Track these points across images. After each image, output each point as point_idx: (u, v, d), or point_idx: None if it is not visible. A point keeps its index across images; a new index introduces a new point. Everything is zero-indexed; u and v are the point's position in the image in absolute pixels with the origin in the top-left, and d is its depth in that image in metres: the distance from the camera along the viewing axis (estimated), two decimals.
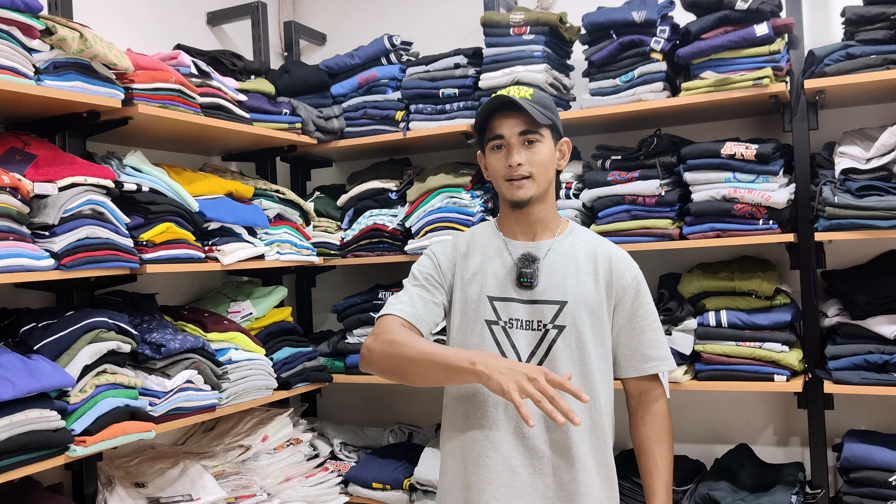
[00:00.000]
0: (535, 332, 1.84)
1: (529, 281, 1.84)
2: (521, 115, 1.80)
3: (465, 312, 1.89)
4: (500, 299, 1.87)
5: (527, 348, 1.84)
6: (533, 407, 1.78)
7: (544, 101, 1.85)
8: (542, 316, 1.84)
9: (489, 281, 1.88)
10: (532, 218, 1.89)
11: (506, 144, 1.83)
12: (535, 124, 1.81)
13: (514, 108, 1.80)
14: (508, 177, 1.83)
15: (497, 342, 1.85)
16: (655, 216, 2.70)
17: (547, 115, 1.82)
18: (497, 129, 1.83)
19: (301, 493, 2.86)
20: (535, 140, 1.82)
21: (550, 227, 1.92)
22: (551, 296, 1.84)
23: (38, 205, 2.08)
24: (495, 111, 1.84)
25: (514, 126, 1.81)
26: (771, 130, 2.87)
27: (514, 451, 1.82)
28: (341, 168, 3.68)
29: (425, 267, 1.94)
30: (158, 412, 2.31)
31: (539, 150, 1.83)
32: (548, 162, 1.85)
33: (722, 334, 2.63)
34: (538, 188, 1.84)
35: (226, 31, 3.45)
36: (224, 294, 3.02)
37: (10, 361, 1.95)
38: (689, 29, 2.66)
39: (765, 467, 2.78)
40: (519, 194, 1.83)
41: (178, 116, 2.47)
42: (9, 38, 2.00)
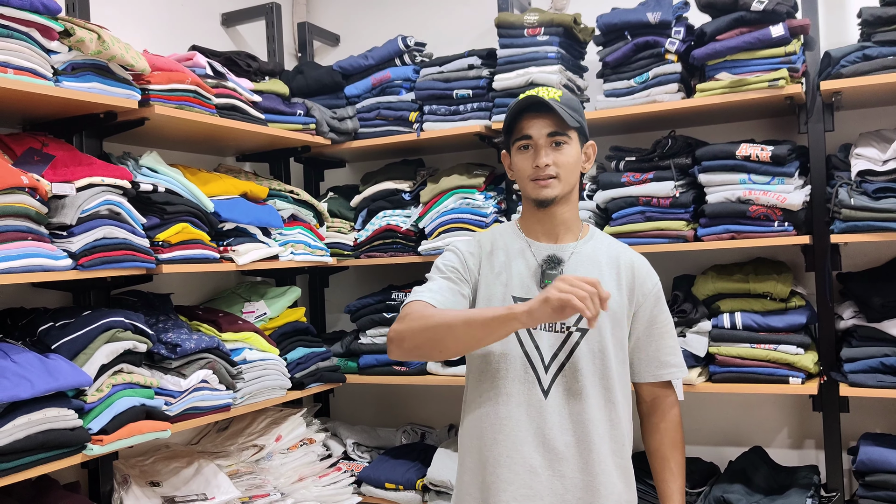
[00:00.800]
0: (558, 334, 1.84)
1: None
2: (550, 117, 1.81)
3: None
4: (524, 300, 1.86)
5: (549, 350, 1.84)
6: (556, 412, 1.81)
7: (573, 103, 1.86)
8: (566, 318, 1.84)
9: (514, 280, 1.88)
10: (556, 220, 1.90)
11: (533, 145, 1.84)
12: (564, 126, 1.81)
13: (544, 108, 1.80)
14: (535, 177, 1.84)
15: (520, 342, 1.86)
16: (670, 217, 2.69)
17: (575, 117, 1.83)
18: (525, 129, 1.84)
19: (314, 492, 2.87)
20: (563, 142, 1.83)
21: (573, 230, 1.93)
22: None
23: (55, 205, 2.09)
24: (524, 111, 1.84)
25: (542, 127, 1.82)
26: (786, 132, 2.86)
27: (534, 452, 1.82)
28: (354, 169, 3.69)
29: (450, 261, 1.92)
30: (174, 412, 2.33)
31: (566, 152, 1.83)
32: (574, 164, 1.85)
33: (736, 336, 2.62)
34: (563, 189, 1.85)
35: (240, 32, 3.46)
36: (238, 294, 3.03)
37: (29, 360, 1.97)
38: (704, 30, 2.65)
39: (779, 470, 2.77)
40: (545, 193, 1.83)
41: (194, 117, 2.49)
42: (28, 39, 2.01)
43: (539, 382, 1.83)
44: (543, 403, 1.83)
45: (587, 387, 1.82)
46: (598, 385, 1.83)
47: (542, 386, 1.83)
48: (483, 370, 1.89)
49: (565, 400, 1.82)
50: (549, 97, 1.81)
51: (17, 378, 1.88)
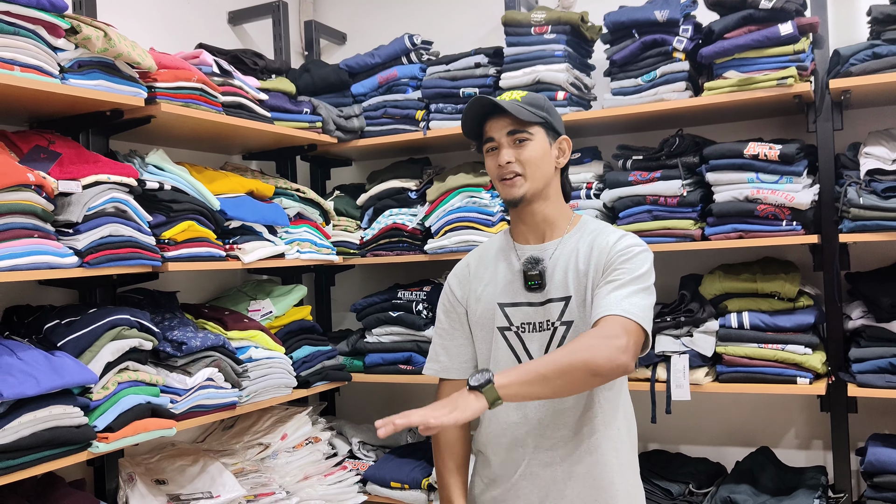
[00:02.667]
0: (545, 332, 1.85)
1: (537, 283, 1.85)
2: (509, 116, 1.81)
3: (482, 323, 1.92)
4: (510, 305, 1.88)
5: (539, 350, 1.85)
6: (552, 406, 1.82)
7: (536, 101, 1.85)
8: (550, 315, 1.84)
9: (500, 288, 1.90)
10: (537, 217, 1.88)
11: (497, 145, 1.84)
12: (522, 123, 1.81)
13: (499, 110, 1.81)
14: (500, 176, 1.84)
15: (511, 347, 1.87)
16: (677, 217, 2.68)
17: (537, 113, 1.82)
18: (488, 131, 1.85)
19: (320, 491, 2.86)
20: (525, 139, 1.82)
21: (559, 226, 1.89)
22: (556, 293, 1.84)
23: (62, 202, 2.09)
24: (487, 116, 1.85)
25: (502, 127, 1.82)
26: (794, 131, 2.85)
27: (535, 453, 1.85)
28: (361, 167, 3.68)
29: (444, 303, 2.01)
30: (179, 410, 2.32)
31: (529, 148, 1.82)
32: (539, 159, 1.83)
33: (744, 336, 2.61)
34: (532, 185, 1.83)
35: (246, 31, 3.46)
36: (244, 292, 3.03)
37: (34, 358, 1.97)
38: (712, 28, 2.64)
39: (786, 471, 2.75)
40: (511, 192, 1.83)
41: (201, 115, 2.49)
42: (34, 37, 2.01)
43: None
44: (541, 405, 1.84)
45: None
46: None
47: None
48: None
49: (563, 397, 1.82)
50: (510, 98, 1.83)
51: (23, 375, 1.88)
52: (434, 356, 2.00)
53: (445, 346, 1.99)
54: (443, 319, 2.00)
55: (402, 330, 3.08)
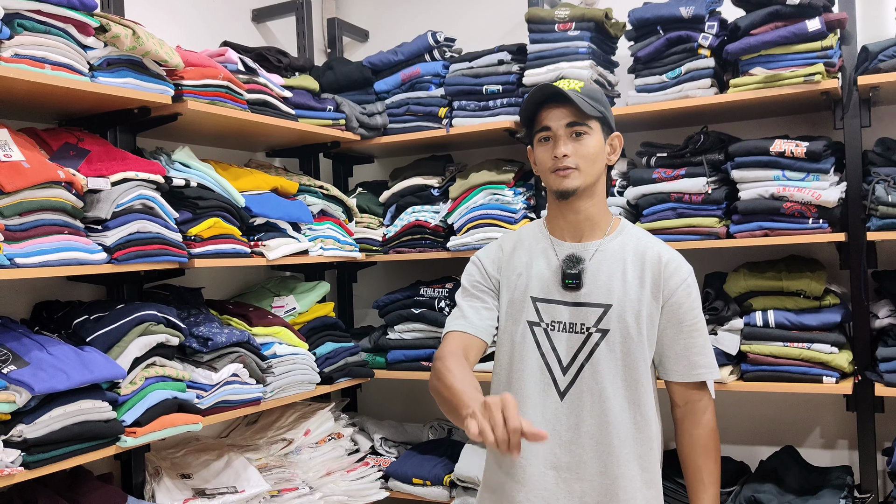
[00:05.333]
0: (577, 335, 1.80)
1: (575, 283, 1.80)
2: (569, 107, 1.76)
3: (510, 312, 1.87)
4: (543, 300, 1.83)
5: (567, 352, 1.81)
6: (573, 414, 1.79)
7: (595, 93, 1.81)
8: (586, 319, 1.80)
9: (533, 281, 1.85)
10: (580, 215, 1.84)
11: (553, 136, 1.78)
12: (583, 116, 1.76)
13: (562, 99, 1.76)
14: (554, 168, 1.79)
15: (538, 344, 1.83)
16: (702, 214, 2.67)
17: (596, 107, 1.78)
18: (544, 120, 1.79)
19: (342, 487, 2.88)
20: (583, 132, 1.77)
21: (600, 226, 1.86)
22: (596, 298, 1.80)
23: (91, 199, 2.11)
24: (543, 103, 1.80)
25: (561, 118, 1.77)
26: (820, 127, 2.82)
27: (549, 455, 1.80)
28: (383, 164, 3.69)
29: (472, 275, 1.93)
30: (205, 405, 2.34)
31: (587, 143, 1.77)
32: (595, 155, 1.79)
33: (769, 335, 2.59)
34: (585, 180, 1.79)
35: (270, 28, 3.48)
36: (267, 289, 3.05)
37: (64, 353, 1.99)
38: (738, 24, 2.62)
39: (811, 470, 2.74)
40: (565, 183, 1.78)
41: (226, 112, 2.50)
42: (65, 35, 2.03)
43: (555, 384, 1.80)
44: (559, 405, 1.80)
45: (608, 388, 1.77)
46: (620, 386, 1.78)
47: (558, 388, 1.80)
48: (507, 371, 1.87)
49: (584, 402, 1.78)
50: (568, 88, 1.77)
51: (54, 370, 1.90)
52: (461, 314, 1.87)
53: (475, 306, 1.87)
54: (469, 289, 1.91)
55: (424, 327, 3.08)
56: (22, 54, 1.93)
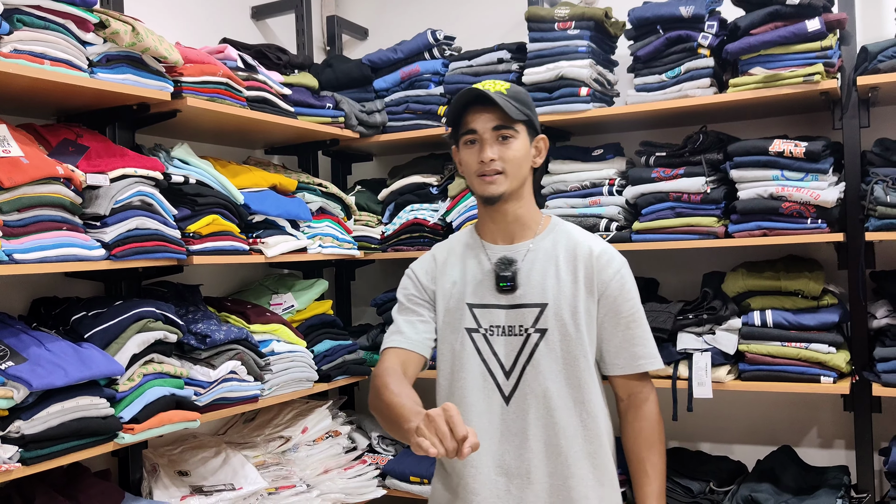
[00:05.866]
0: (516, 337, 1.80)
1: (509, 285, 1.80)
2: (495, 110, 1.75)
3: (448, 321, 1.86)
4: (479, 306, 1.83)
5: (508, 355, 1.80)
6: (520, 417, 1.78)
7: (520, 96, 1.80)
8: (523, 320, 1.80)
9: (468, 288, 1.84)
10: (508, 217, 1.84)
11: (479, 139, 1.78)
12: (509, 119, 1.75)
13: (488, 102, 1.74)
14: (480, 172, 1.78)
15: (478, 350, 1.82)
16: (700, 214, 2.67)
17: (522, 110, 1.77)
18: (470, 123, 1.78)
19: (340, 484, 2.87)
20: (509, 136, 1.76)
21: (530, 227, 1.86)
22: (531, 299, 1.80)
23: (89, 195, 2.11)
24: (469, 105, 1.78)
25: (487, 121, 1.76)
26: (819, 128, 2.82)
27: (499, 461, 1.79)
28: (382, 162, 3.69)
29: (406, 288, 1.93)
30: (203, 402, 2.34)
31: (513, 146, 1.77)
32: (521, 158, 1.79)
33: (767, 334, 2.59)
34: (510, 184, 1.78)
35: (269, 26, 3.48)
36: (266, 286, 3.04)
37: (62, 349, 1.99)
38: (737, 24, 2.62)
39: (808, 470, 2.74)
40: (490, 189, 1.77)
41: (226, 109, 2.50)
42: (64, 31, 2.03)
43: (499, 389, 1.80)
44: (505, 410, 1.79)
45: (551, 388, 1.77)
46: (563, 385, 1.78)
47: (502, 392, 1.80)
48: (450, 380, 1.87)
49: (530, 404, 1.78)
50: (494, 90, 1.75)
51: (52, 366, 1.90)
52: (397, 329, 1.87)
53: (411, 320, 1.88)
54: (406, 303, 1.91)
55: None
56: (21, 49, 1.93)
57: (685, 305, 2.73)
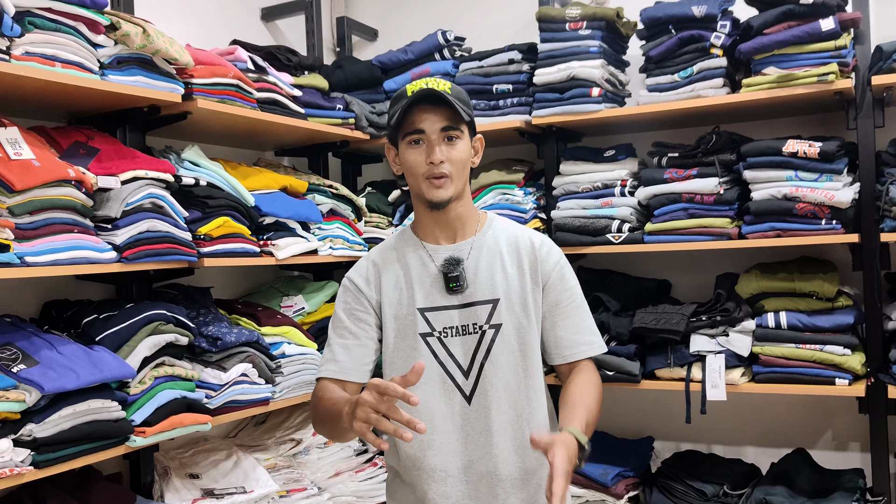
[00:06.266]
0: (471, 335, 1.77)
1: (458, 284, 1.76)
2: (443, 111, 1.69)
3: (398, 329, 1.80)
4: (430, 309, 1.78)
5: (465, 355, 1.77)
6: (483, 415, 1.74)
7: (463, 95, 1.74)
8: (477, 318, 1.77)
9: (416, 292, 1.79)
10: (451, 217, 1.80)
11: (426, 140, 1.71)
12: (457, 120, 1.70)
13: (436, 101, 1.69)
14: (429, 174, 1.71)
15: (434, 353, 1.78)
16: (713, 215, 2.65)
17: (467, 111, 1.72)
18: (417, 122, 1.70)
19: (350, 487, 2.86)
20: (456, 137, 1.71)
21: (470, 224, 1.83)
22: (482, 295, 1.77)
23: (101, 198, 2.10)
24: (414, 104, 1.70)
25: (435, 121, 1.70)
26: (833, 128, 2.80)
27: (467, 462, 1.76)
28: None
29: (346, 301, 1.84)
30: (214, 404, 2.33)
31: (459, 148, 1.72)
32: (466, 160, 1.75)
33: (781, 336, 2.57)
34: (456, 187, 1.73)
35: (279, 27, 3.47)
36: (276, 288, 3.04)
37: (74, 352, 1.99)
38: (750, 24, 2.61)
39: (823, 473, 2.72)
40: (439, 194, 1.72)
41: (236, 111, 2.49)
42: (75, 33, 2.03)
43: (460, 389, 1.76)
44: (468, 409, 1.76)
45: (511, 382, 1.75)
46: (523, 377, 1.76)
47: (463, 392, 1.76)
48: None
49: (491, 400, 1.75)
50: (440, 88, 1.69)
51: (64, 369, 1.90)
52: (331, 356, 1.80)
53: (347, 345, 1.80)
54: (344, 318, 1.82)
55: None
56: (32, 52, 1.93)
57: (698, 307, 2.71)
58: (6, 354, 1.91)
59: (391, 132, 1.78)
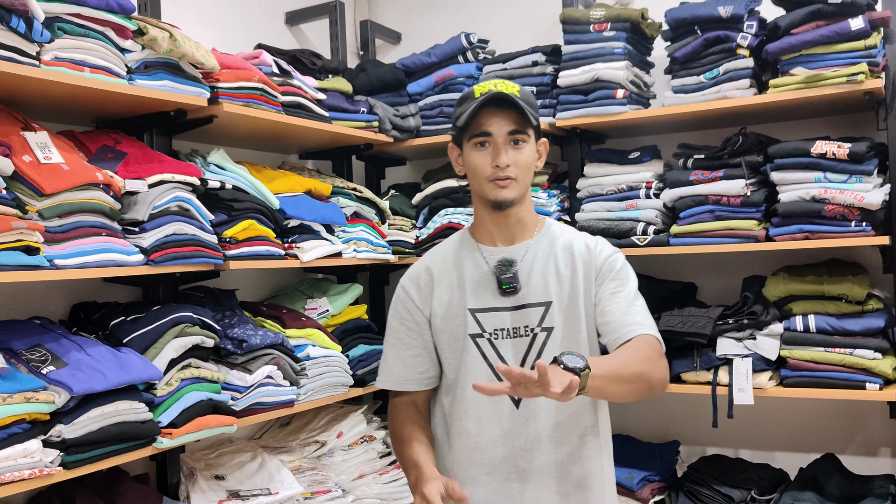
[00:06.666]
0: (522, 338, 1.77)
1: (512, 286, 1.76)
2: (511, 114, 1.70)
3: (449, 329, 1.82)
4: (481, 310, 1.79)
5: (515, 357, 1.77)
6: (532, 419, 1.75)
7: (530, 98, 1.76)
8: (528, 320, 1.77)
9: (468, 293, 1.80)
10: (511, 220, 1.81)
11: (492, 143, 1.72)
12: (525, 124, 1.71)
13: (506, 104, 1.69)
14: (494, 177, 1.72)
15: (483, 354, 1.78)
16: (740, 217, 2.62)
17: (534, 114, 1.73)
18: (485, 125, 1.71)
19: (375, 490, 2.86)
20: (523, 140, 1.72)
21: (528, 228, 1.83)
22: (535, 298, 1.77)
23: (128, 201, 2.12)
24: (483, 106, 1.71)
25: (503, 124, 1.71)
26: (862, 128, 2.76)
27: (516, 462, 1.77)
28: (415, 166, 3.68)
29: (397, 309, 1.88)
30: (240, 406, 2.35)
31: (525, 152, 1.73)
32: (531, 164, 1.76)
33: (810, 340, 2.54)
34: (520, 190, 1.75)
35: (303, 31, 3.49)
36: (301, 291, 3.05)
37: (102, 354, 2.01)
38: (778, 24, 2.58)
39: (853, 478, 2.68)
40: (503, 194, 1.73)
41: (262, 115, 2.51)
42: (103, 38, 2.05)
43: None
44: (515, 414, 1.76)
45: None
46: None
47: (511, 396, 1.75)
48: (454, 386, 1.82)
49: (540, 405, 1.74)
50: (508, 91, 1.69)
51: (92, 371, 1.92)
52: (387, 367, 1.88)
53: (400, 356, 1.86)
54: (398, 328, 1.87)
55: None
56: (62, 57, 1.95)
57: (725, 310, 2.69)
58: (36, 356, 1.93)
59: (457, 133, 1.79)
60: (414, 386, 1.85)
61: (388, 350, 1.90)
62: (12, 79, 1.86)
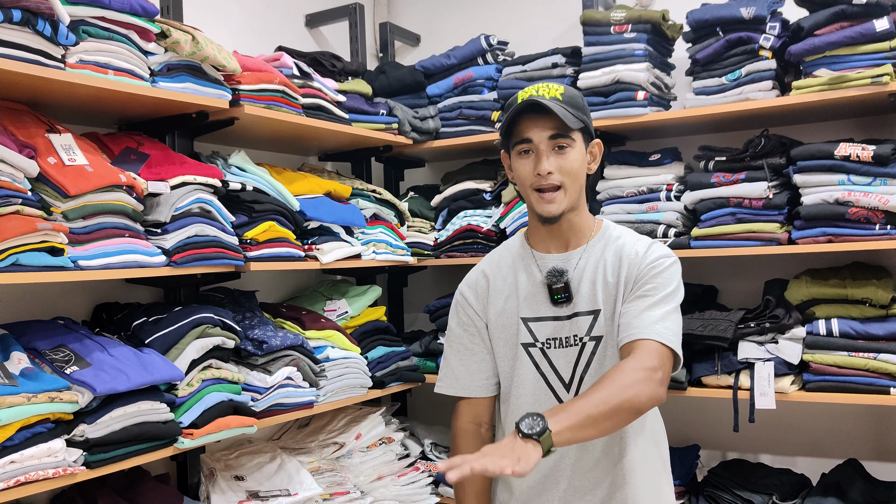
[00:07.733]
0: (572, 347, 1.74)
1: (564, 296, 1.74)
2: (551, 118, 1.65)
3: (504, 337, 1.81)
4: (534, 320, 1.77)
5: (567, 367, 1.75)
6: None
7: (575, 100, 1.70)
8: (578, 329, 1.74)
9: (521, 302, 1.78)
10: (563, 227, 1.76)
11: (534, 150, 1.68)
12: (566, 128, 1.65)
13: (544, 110, 1.65)
14: (537, 186, 1.69)
15: (535, 364, 1.77)
16: (762, 220, 2.60)
17: (579, 116, 1.68)
18: (524, 132, 1.68)
19: (393, 491, 2.87)
20: (566, 145, 1.67)
21: (584, 232, 1.79)
22: (584, 306, 1.74)
23: (150, 203, 2.14)
24: (523, 112, 1.68)
25: (543, 130, 1.66)
26: (886, 130, 2.74)
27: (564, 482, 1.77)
28: (434, 168, 3.68)
29: (457, 316, 1.87)
30: (260, 407, 2.35)
31: (570, 157, 1.68)
32: (579, 169, 1.70)
33: (833, 344, 2.51)
34: (569, 200, 1.70)
35: (323, 33, 3.50)
36: (320, 292, 3.06)
37: (124, 354, 2.02)
38: (801, 25, 2.55)
39: (877, 485, 2.64)
40: (549, 209, 1.69)
41: (282, 117, 2.52)
42: (127, 41, 2.06)
43: (560, 402, 1.75)
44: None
45: None
46: None
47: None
48: (507, 394, 1.82)
49: None
50: (549, 96, 1.65)
51: (115, 371, 1.93)
52: (450, 372, 1.85)
53: (464, 361, 1.84)
54: (459, 333, 1.85)
55: None
56: (86, 60, 1.97)
57: (746, 314, 2.66)
58: (60, 356, 1.95)
59: (503, 142, 1.77)
60: (479, 392, 1.83)
61: (452, 356, 1.87)
62: (38, 81, 1.88)
